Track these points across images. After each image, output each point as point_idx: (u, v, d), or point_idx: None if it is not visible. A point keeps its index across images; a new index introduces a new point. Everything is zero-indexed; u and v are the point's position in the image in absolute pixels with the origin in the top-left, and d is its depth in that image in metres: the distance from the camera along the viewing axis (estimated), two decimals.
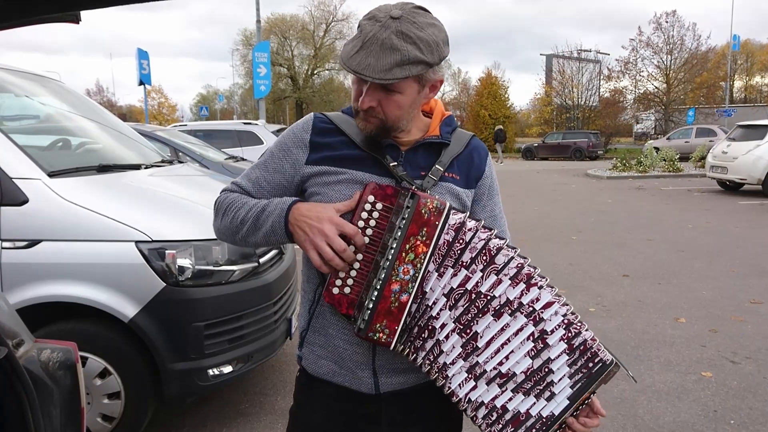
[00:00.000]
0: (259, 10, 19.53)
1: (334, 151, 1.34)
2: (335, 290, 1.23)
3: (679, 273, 6.33)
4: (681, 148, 23.12)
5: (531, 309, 1.19)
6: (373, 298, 1.20)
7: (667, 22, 43.14)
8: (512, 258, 1.19)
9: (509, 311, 1.19)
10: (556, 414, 1.22)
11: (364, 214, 1.22)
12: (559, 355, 1.20)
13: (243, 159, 8.89)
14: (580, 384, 1.21)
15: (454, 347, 1.22)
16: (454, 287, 1.20)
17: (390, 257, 1.19)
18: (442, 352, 1.22)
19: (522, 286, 1.19)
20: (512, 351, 1.21)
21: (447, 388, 1.23)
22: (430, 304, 1.21)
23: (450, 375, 1.22)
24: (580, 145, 29.95)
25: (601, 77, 45.35)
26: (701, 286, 5.79)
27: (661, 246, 7.73)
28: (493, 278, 1.19)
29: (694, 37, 43.31)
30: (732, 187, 13.92)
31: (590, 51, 45.35)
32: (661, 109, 43.11)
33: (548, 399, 1.22)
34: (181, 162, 4.58)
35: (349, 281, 1.23)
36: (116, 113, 5.00)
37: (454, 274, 1.20)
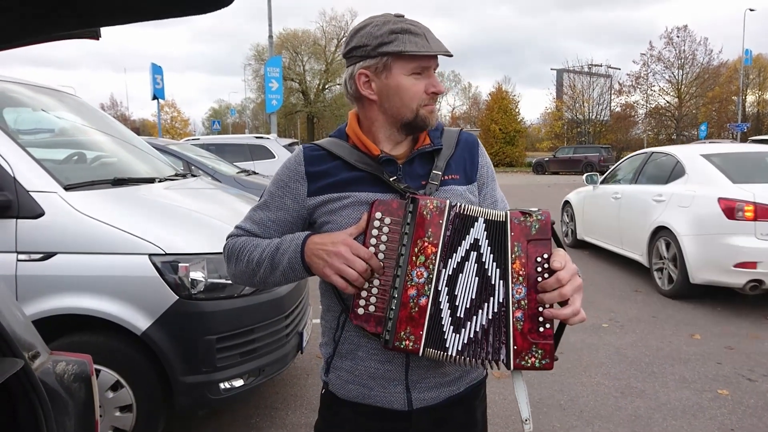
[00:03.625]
0: (271, 25, 19.77)
1: (333, 177, 1.34)
2: (360, 311, 1.24)
3: (694, 289, 6.25)
4: None
5: (475, 240, 1.24)
6: (393, 308, 1.21)
7: (678, 36, 43.17)
8: (476, 218, 1.25)
9: (467, 258, 1.24)
10: (501, 300, 1.24)
11: (375, 232, 1.24)
12: (487, 252, 1.25)
13: (255, 173, 8.93)
14: (499, 258, 1.24)
15: (446, 320, 1.24)
16: (450, 274, 1.24)
17: (402, 263, 1.21)
18: (443, 332, 1.24)
19: (471, 230, 1.24)
20: (470, 284, 1.25)
21: (448, 358, 1.24)
22: (440, 299, 1.23)
23: (447, 345, 1.24)
24: (591, 160, 29.86)
25: (612, 92, 45.33)
26: (716, 303, 5.72)
27: None
28: (464, 243, 1.24)
29: (705, 51, 43.27)
30: None
31: (601, 66, 45.39)
32: (672, 124, 42.97)
33: (492, 294, 1.25)
34: (194, 175, 4.61)
35: (372, 299, 1.24)
36: (129, 127, 5.07)
37: (451, 263, 1.24)
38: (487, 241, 1.24)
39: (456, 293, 1.24)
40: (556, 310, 1.23)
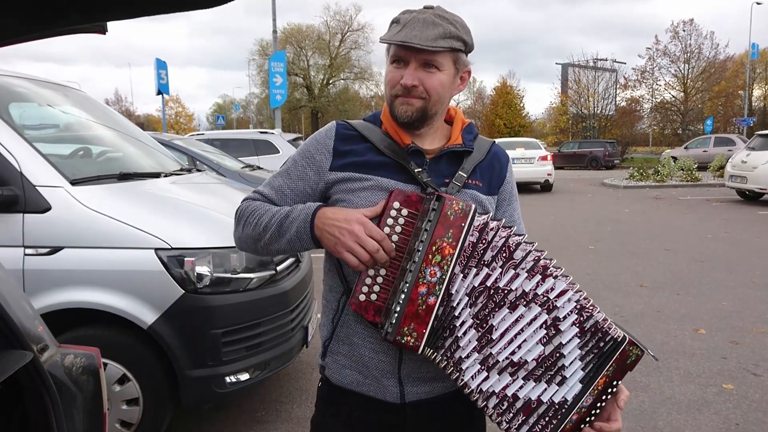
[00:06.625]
0: (275, 20, 19.74)
1: (359, 157, 1.34)
2: (362, 297, 1.23)
3: (699, 283, 6.25)
4: (699, 158, 22.90)
5: (545, 298, 1.21)
6: (401, 302, 1.19)
7: (684, 30, 42.91)
8: (529, 252, 1.21)
9: (524, 302, 1.21)
10: (570, 399, 1.22)
11: (390, 221, 1.22)
12: (570, 339, 1.21)
13: (259, 168, 8.95)
14: (591, 365, 1.22)
15: (470, 341, 1.22)
16: (476, 286, 1.21)
17: (416, 260, 1.19)
18: (459, 347, 1.22)
19: (538, 277, 1.20)
20: (525, 340, 1.22)
21: (460, 381, 1.23)
22: (454, 305, 1.21)
23: (464, 368, 1.22)
24: (596, 154, 29.75)
25: (618, 86, 45.12)
26: (721, 297, 5.71)
27: (679, 256, 7.64)
28: (511, 273, 1.21)
29: (712, 45, 43.00)
30: (751, 197, 13.74)
31: (606, 60, 45.17)
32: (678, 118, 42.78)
33: (559, 384, 1.22)
34: (199, 170, 4.62)
35: (376, 288, 1.23)
36: (134, 122, 5.10)
37: (477, 274, 1.21)
38: (576, 330, 1.20)
39: (493, 324, 1.21)
40: None
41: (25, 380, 1.34)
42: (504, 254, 1.21)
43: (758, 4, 37.53)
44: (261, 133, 12.42)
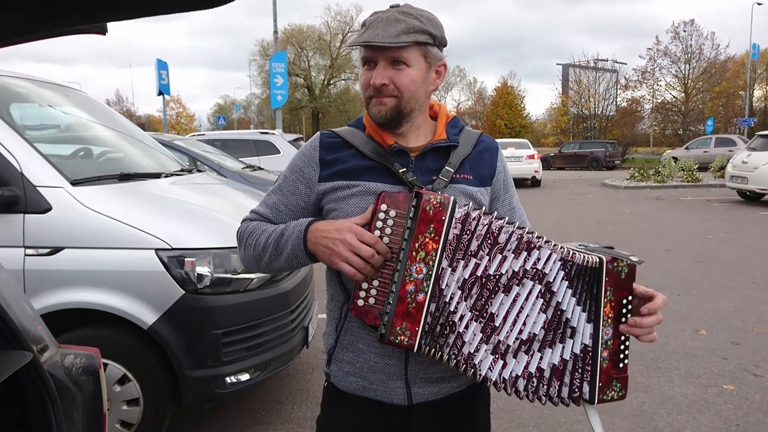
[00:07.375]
0: (276, 21, 19.75)
1: (345, 164, 1.34)
2: (360, 302, 1.23)
3: (699, 284, 6.24)
4: (700, 158, 22.89)
5: (535, 270, 1.23)
6: (391, 302, 1.20)
7: (685, 31, 42.91)
8: (512, 233, 1.22)
9: (516, 282, 1.22)
10: (589, 342, 1.26)
11: (379, 224, 1.22)
12: (564, 293, 1.24)
13: (260, 168, 8.94)
14: (588, 302, 1.26)
15: (474, 334, 1.22)
16: (467, 278, 1.21)
17: (402, 258, 1.19)
18: (464, 342, 1.22)
19: (524, 254, 1.23)
20: (527, 315, 1.23)
21: (479, 376, 1.23)
22: (447, 300, 1.21)
23: (477, 362, 1.22)
24: (597, 155, 29.73)
25: (618, 87, 45.11)
26: (722, 298, 5.71)
27: (680, 256, 7.64)
28: (498, 257, 1.22)
29: (712, 46, 42.99)
30: (752, 198, 13.73)
31: (607, 60, 45.17)
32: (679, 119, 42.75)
33: (572, 336, 1.26)
34: (199, 171, 4.62)
35: (373, 291, 1.23)
36: (135, 123, 5.12)
37: (465, 265, 1.21)
38: (566, 282, 1.23)
39: (492, 312, 1.22)
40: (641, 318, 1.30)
41: (25, 380, 1.34)
42: (489, 241, 1.21)
43: (759, 4, 37.52)
44: (262, 133, 12.42)
